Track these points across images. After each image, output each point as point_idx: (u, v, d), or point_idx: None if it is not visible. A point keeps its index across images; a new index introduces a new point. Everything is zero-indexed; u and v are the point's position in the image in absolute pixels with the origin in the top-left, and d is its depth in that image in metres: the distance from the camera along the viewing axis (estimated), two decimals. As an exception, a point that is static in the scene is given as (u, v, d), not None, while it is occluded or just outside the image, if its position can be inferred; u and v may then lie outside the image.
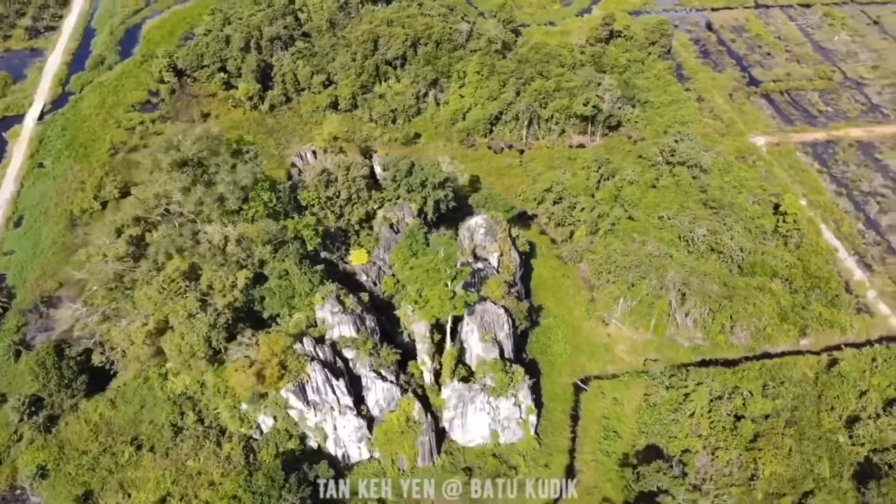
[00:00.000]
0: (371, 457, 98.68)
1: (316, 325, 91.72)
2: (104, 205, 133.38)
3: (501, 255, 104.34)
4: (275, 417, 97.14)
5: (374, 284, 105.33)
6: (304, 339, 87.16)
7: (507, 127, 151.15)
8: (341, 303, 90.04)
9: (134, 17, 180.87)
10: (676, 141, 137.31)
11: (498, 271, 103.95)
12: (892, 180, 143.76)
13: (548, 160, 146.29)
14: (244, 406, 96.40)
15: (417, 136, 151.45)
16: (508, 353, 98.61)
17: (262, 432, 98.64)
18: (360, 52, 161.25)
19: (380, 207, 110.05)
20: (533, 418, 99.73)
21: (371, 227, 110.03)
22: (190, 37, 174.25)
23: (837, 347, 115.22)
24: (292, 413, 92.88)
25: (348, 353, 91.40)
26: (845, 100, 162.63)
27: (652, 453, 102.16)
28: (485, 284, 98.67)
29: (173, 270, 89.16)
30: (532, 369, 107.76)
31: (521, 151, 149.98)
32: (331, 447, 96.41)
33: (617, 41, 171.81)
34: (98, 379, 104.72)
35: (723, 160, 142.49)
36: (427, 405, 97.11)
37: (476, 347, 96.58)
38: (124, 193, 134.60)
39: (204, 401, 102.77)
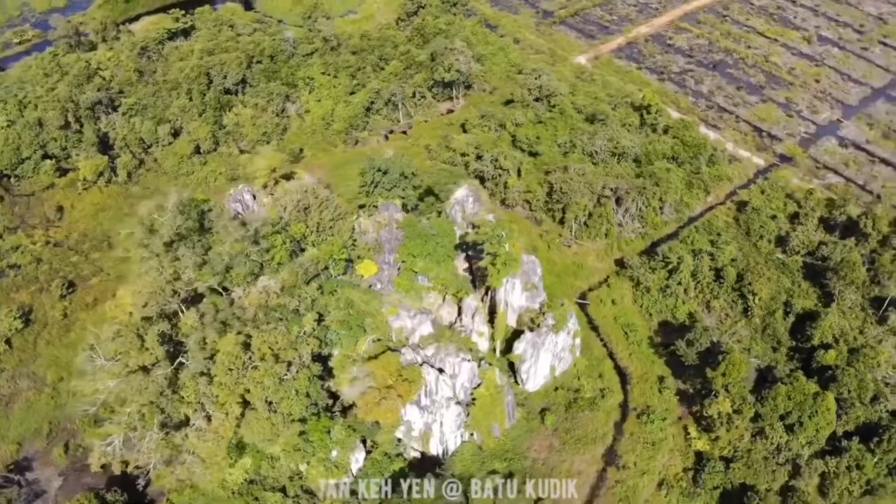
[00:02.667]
0: (463, 440, 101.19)
1: (391, 339, 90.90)
2: (9, 342, 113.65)
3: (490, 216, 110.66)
4: (368, 449, 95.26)
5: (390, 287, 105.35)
6: (403, 350, 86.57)
7: (381, 114, 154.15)
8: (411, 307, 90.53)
9: None
10: (536, 78, 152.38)
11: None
12: (689, 56, 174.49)
13: (433, 132, 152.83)
14: (334, 453, 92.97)
15: (301, 150, 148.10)
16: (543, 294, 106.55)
17: (352, 473, 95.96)
18: (196, 89, 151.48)
19: (356, 218, 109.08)
20: (578, 340, 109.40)
21: (355, 240, 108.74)
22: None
23: (733, 193, 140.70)
24: (397, 432, 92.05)
25: (429, 351, 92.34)
26: (621, 7, 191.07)
27: (667, 327, 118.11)
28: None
29: (233, 346, 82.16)
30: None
31: (404, 132, 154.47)
32: (434, 447, 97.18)
33: (421, 11, 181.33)
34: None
35: (568, 83, 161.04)
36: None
37: (519, 299, 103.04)
38: (27, 321, 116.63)
39: (273, 474, 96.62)
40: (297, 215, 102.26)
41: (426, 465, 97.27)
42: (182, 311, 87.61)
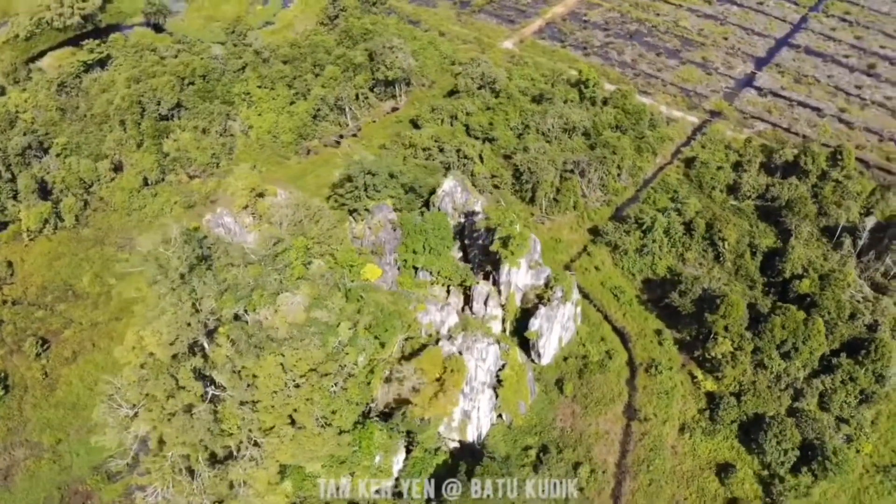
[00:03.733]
0: (492, 423, 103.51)
1: (421, 335, 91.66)
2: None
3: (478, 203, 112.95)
4: (408, 448, 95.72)
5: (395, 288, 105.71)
6: (441, 343, 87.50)
7: (328, 120, 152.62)
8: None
9: None
10: (477, 66, 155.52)
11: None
12: (606, 29, 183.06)
13: (383, 132, 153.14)
14: (378, 459, 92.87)
15: (254, 166, 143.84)
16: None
17: (394, 476, 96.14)
18: (129, 119, 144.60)
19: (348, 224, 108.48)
20: (580, 309, 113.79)
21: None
22: None
23: (678, 152, 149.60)
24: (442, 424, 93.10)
25: (458, 340, 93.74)
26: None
27: (651, 284, 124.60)
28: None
29: (274, 367, 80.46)
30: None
31: (354, 136, 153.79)
32: (470, 434, 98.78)
33: (342, 14, 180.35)
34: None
35: (504, 68, 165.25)
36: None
37: (524, 278, 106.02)
38: (6, 387, 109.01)
39: (315, 492, 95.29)
40: (293, 229, 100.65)
41: (465, 454, 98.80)
42: (206, 344, 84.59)
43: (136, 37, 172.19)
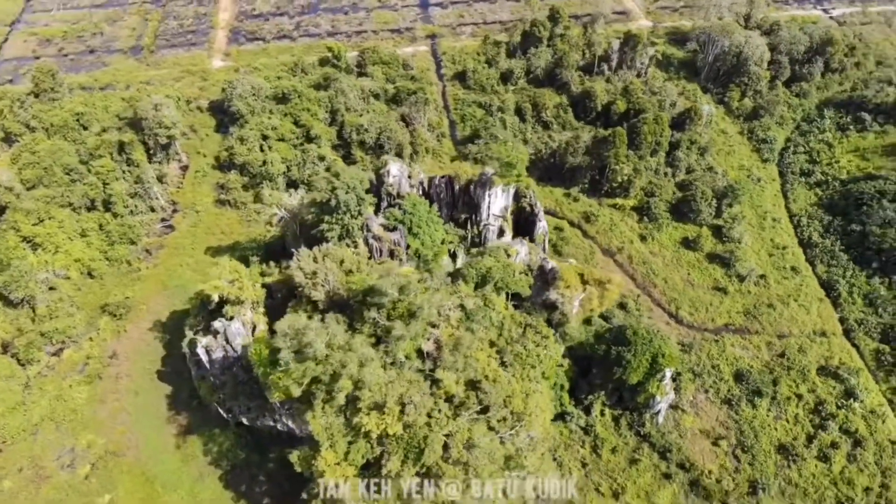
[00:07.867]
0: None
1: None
2: None
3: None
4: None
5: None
6: (544, 263, 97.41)
7: (141, 211, 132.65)
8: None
9: None
10: (242, 83, 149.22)
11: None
12: (278, 14, 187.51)
13: (200, 191, 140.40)
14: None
15: (121, 298, 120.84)
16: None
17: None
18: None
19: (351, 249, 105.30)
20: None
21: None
22: None
23: (441, 75, 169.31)
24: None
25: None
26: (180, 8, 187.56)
27: (528, 170, 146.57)
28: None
29: (487, 358, 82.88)
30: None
31: (175, 210, 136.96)
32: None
33: (34, 119, 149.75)
34: None
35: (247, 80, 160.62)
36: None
37: (501, 201, 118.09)
38: None
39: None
40: (341, 277, 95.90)
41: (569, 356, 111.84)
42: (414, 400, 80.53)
43: None
